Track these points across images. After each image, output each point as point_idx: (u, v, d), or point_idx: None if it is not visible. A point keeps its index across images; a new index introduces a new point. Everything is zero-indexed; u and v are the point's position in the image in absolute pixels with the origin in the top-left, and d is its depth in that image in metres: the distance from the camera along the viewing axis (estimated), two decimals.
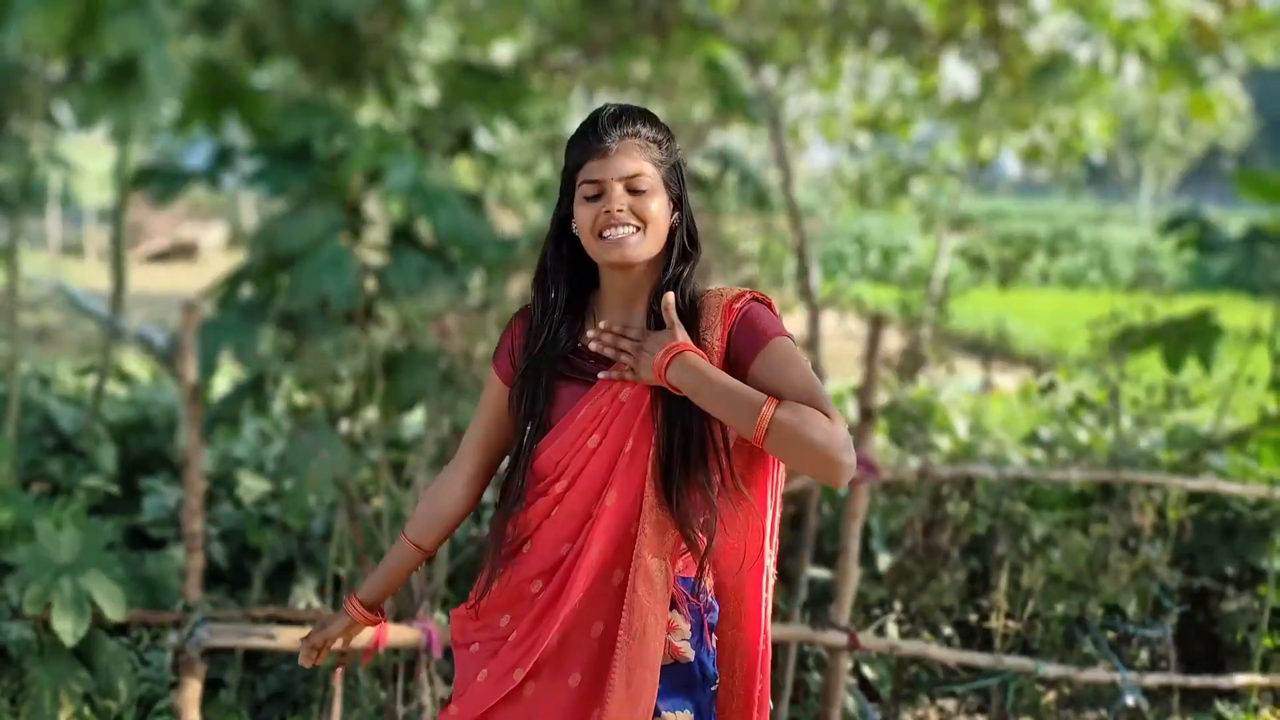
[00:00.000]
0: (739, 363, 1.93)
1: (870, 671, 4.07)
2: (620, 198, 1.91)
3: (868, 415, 3.75)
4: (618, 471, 1.95)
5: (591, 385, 1.98)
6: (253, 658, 3.83)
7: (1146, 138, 29.25)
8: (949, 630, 4.23)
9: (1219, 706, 4.12)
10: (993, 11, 6.45)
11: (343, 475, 3.58)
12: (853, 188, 10.46)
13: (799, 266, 5.23)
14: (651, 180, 1.93)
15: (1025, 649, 4.15)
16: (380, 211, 4.52)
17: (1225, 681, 4.09)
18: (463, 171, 5.76)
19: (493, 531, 2.05)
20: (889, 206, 10.56)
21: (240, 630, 3.18)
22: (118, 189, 5.87)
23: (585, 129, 1.96)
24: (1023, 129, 8.36)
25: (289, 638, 3.17)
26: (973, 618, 4.38)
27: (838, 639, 3.58)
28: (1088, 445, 4.78)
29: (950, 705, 4.11)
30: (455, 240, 4.09)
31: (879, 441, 4.90)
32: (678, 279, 1.98)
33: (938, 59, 7.19)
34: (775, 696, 3.80)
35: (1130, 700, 3.88)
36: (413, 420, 4.98)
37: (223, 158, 4.72)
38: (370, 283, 4.28)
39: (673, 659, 1.99)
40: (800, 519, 4.21)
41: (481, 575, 2.07)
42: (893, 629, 4.11)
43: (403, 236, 4.28)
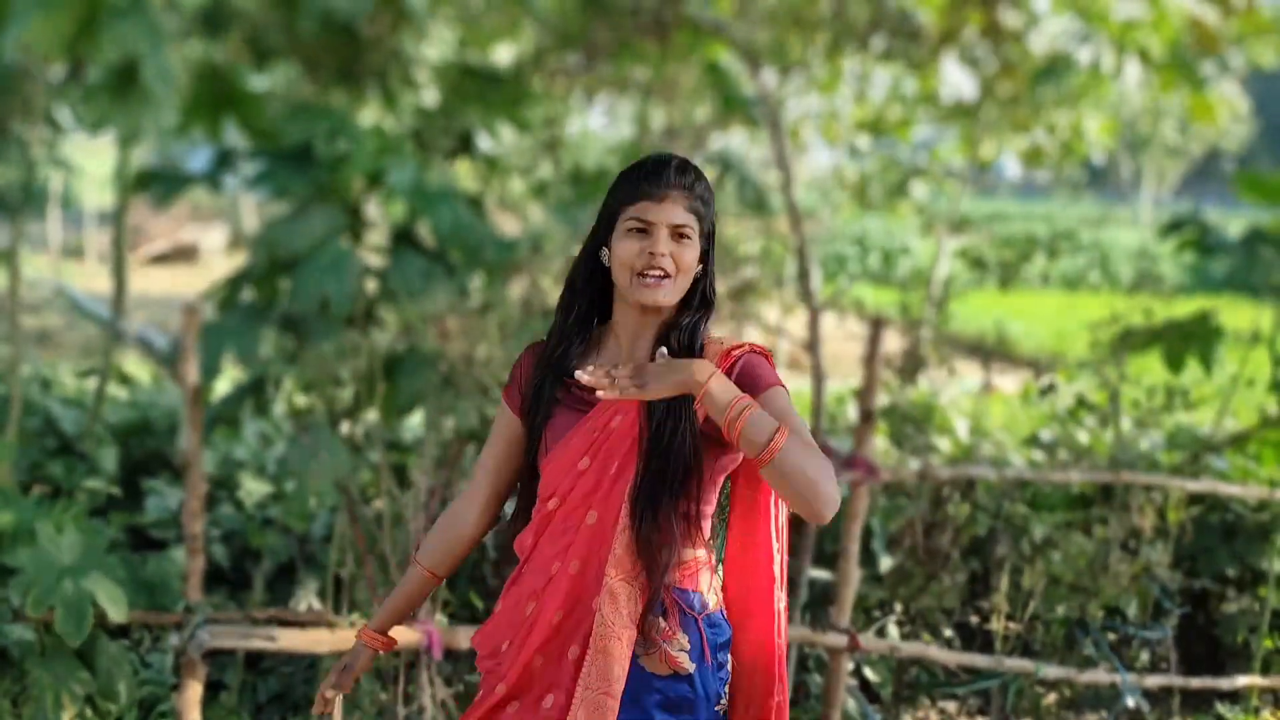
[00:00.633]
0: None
1: (871, 673, 4.08)
2: (666, 242, 1.98)
3: (868, 417, 3.75)
4: (599, 493, 2.01)
5: (581, 413, 2.04)
6: (254, 659, 3.83)
7: (1147, 140, 29.25)
8: (949, 632, 4.23)
9: (1219, 708, 4.12)
10: (993, 13, 6.45)
11: (343, 477, 3.58)
12: (853, 190, 10.47)
13: (799, 268, 5.24)
14: (692, 232, 2.00)
15: (1026, 650, 4.15)
16: (381, 214, 4.52)
17: (1226, 683, 4.09)
18: (463, 174, 5.76)
19: (505, 552, 2.13)
20: (889, 208, 10.56)
21: (241, 632, 3.18)
22: (118, 191, 5.87)
23: (646, 170, 2.02)
24: (1023, 131, 8.36)
25: (290, 640, 3.18)
26: (973, 619, 4.38)
27: (838, 640, 3.59)
28: (1088, 447, 4.79)
29: (951, 707, 4.11)
30: (456, 241, 4.09)
31: (879, 443, 4.90)
32: (693, 327, 2.05)
33: (938, 61, 7.20)
34: None
35: (1131, 702, 3.88)
36: (413, 422, 4.99)
37: (224, 160, 4.73)
38: (371, 285, 4.29)
39: (671, 670, 2.00)
40: (800, 520, 4.21)
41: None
42: (893, 630, 4.11)
43: (403, 239, 4.29)
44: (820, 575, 4.12)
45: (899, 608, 4.20)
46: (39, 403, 5.37)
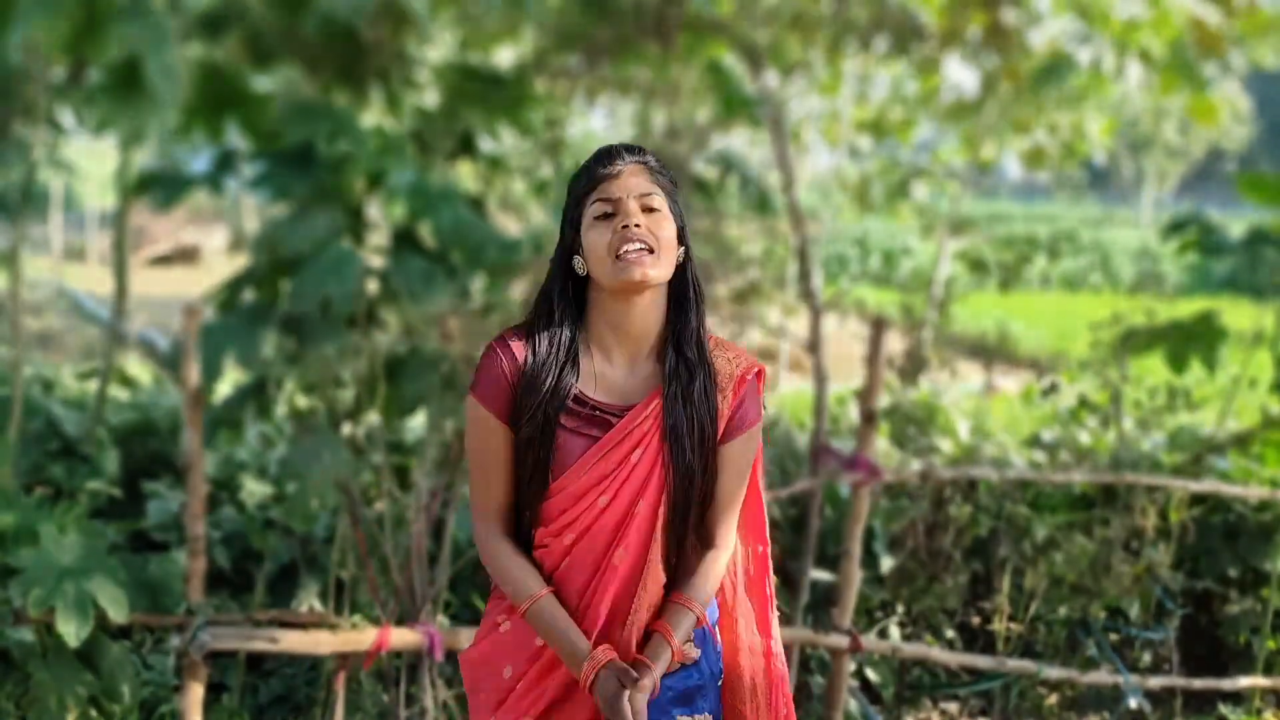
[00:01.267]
0: (728, 433, 2.01)
1: (873, 674, 4.07)
2: (636, 213, 1.91)
3: (870, 418, 3.75)
4: (629, 531, 1.95)
5: (594, 439, 1.95)
6: (255, 661, 3.83)
7: (1148, 140, 29.26)
8: (951, 633, 4.23)
9: (1222, 709, 4.12)
10: (994, 13, 6.44)
11: (345, 479, 3.58)
12: (854, 191, 10.46)
13: (801, 269, 5.23)
14: (661, 202, 1.94)
15: (1027, 651, 4.15)
16: (382, 215, 4.52)
17: (1228, 684, 4.09)
18: (465, 175, 5.76)
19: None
20: (890, 210, 10.55)
21: (243, 634, 3.18)
22: (120, 193, 5.87)
23: (592, 161, 1.97)
24: (1024, 131, 8.36)
25: (292, 641, 3.18)
26: (975, 620, 4.38)
27: (840, 641, 3.58)
28: (1090, 447, 4.78)
29: (953, 708, 4.11)
30: (457, 242, 4.08)
31: (881, 444, 4.90)
32: (695, 328, 1.98)
33: (939, 61, 7.19)
34: None
35: (1133, 703, 3.87)
36: (415, 424, 4.98)
37: (225, 162, 4.72)
38: (372, 286, 4.28)
39: (679, 664, 2.01)
40: (802, 521, 4.21)
41: (490, 623, 2.07)
42: (895, 631, 4.11)
43: (405, 240, 4.28)
44: (822, 576, 4.12)
45: (901, 609, 4.20)
46: (40, 404, 5.37)
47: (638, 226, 1.90)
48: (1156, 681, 3.99)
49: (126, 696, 3.30)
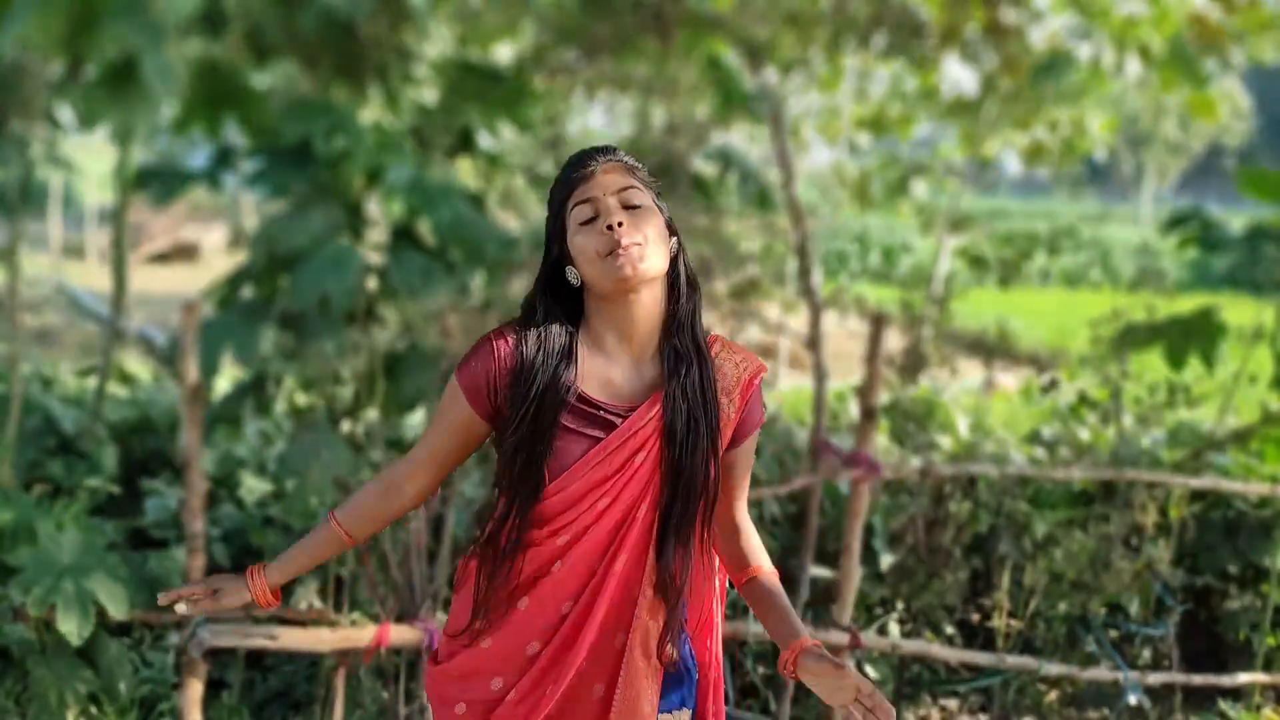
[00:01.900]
0: (737, 437, 2.01)
1: (872, 670, 4.07)
2: (618, 210, 1.87)
3: (870, 414, 3.75)
4: (629, 536, 1.92)
5: (596, 440, 1.91)
6: (255, 658, 3.83)
7: (1148, 136, 29.26)
8: (951, 629, 4.23)
9: (1221, 705, 4.12)
10: (994, 10, 6.44)
11: (344, 475, 3.58)
12: (854, 187, 10.45)
13: (800, 266, 5.23)
14: (643, 196, 1.91)
15: (1027, 648, 4.15)
16: (381, 211, 4.52)
17: (1228, 680, 4.09)
18: (464, 171, 5.76)
19: (484, 581, 1.95)
20: (890, 206, 10.54)
21: (242, 631, 3.18)
22: (119, 190, 5.87)
23: (565, 169, 1.95)
24: (1024, 128, 8.35)
25: (291, 638, 3.17)
26: (975, 617, 4.38)
27: (840, 638, 3.58)
28: (1090, 444, 4.78)
29: (952, 704, 4.11)
30: (456, 238, 4.08)
31: (881, 440, 4.90)
32: (689, 319, 1.96)
33: (939, 58, 7.18)
34: (777, 696, 3.80)
35: (1133, 699, 3.87)
36: (414, 420, 4.98)
37: (223, 158, 4.72)
38: (371, 283, 4.28)
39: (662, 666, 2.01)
40: (802, 518, 4.21)
41: (462, 625, 1.99)
42: (895, 628, 4.11)
43: (404, 236, 4.28)
44: (821, 573, 4.12)
45: (900, 605, 4.19)
46: (39, 401, 5.36)
47: (621, 225, 1.86)
48: (1156, 678, 3.99)
49: (125, 693, 3.30)
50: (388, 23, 4.57)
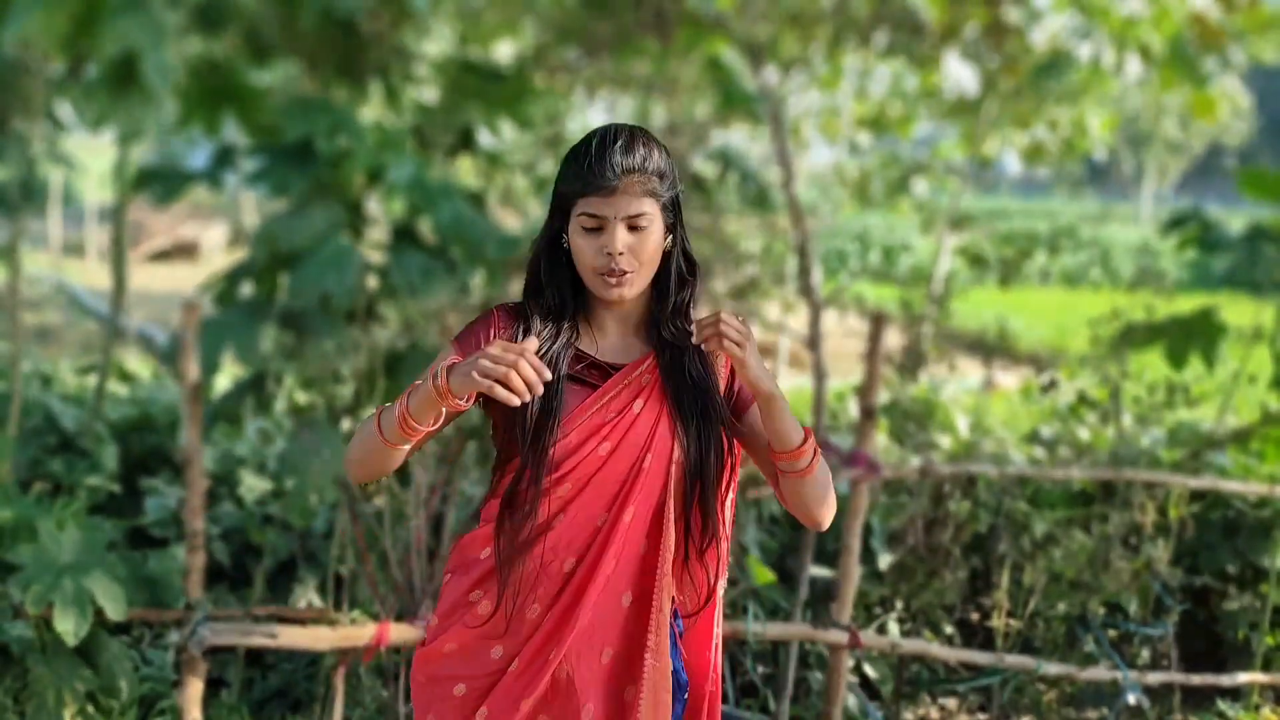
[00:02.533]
0: (743, 400, 2.01)
1: (871, 670, 4.08)
2: (622, 239, 1.86)
3: (869, 413, 3.75)
4: (636, 488, 1.90)
5: (592, 388, 1.92)
6: (254, 656, 3.83)
7: (1148, 136, 29.25)
8: (950, 629, 4.23)
9: (1220, 705, 4.12)
10: (995, 9, 6.44)
11: (344, 474, 3.58)
12: (854, 186, 10.46)
13: (800, 265, 5.24)
14: (651, 217, 1.89)
15: (1026, 647, 4.15)
16: (381, 210, 4.52)
17: (1227, 680, 4.09)
18: (464, 170, 5.76)
19: (505, 544, 1.91)
20: (890, 205, 10.55)
21: (242, 629, 3.18)
22: (119, 188, 5.87)
23: (588, 157, 1.88)
24: (1024, 127, 8.36)
25: (291, 636, 3.17)
26: (974, 616, 4.38)
27: (839, 637, 3.58)
28: (1089, 444, 4.79)
29: (952, 704, 4.11)
30: (457, 236, 4.08)
31: (880, 440, 4.90)
32: (680, 306, 1.97)
33: (939, 57, 7.19)
34: (777, 695, 3.81)
35: (1131, 699, 3.88)
36: None
37: (224, 157, 4.72)
38: (372, 281, 4.28)
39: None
40: None
41: (453, 605, 1.96)
42: (894, 627, 4.11)
43: (404, 235, 4.28)
44: (821, 572, 4.12)
45: (900, 605, 4.20)
46: (39, 400, 5.37)
47: (621, 254, 1.87)
48: (1155, 677, 3.99)
49: (125, 692, 3.30)
50: (388, 21, 4.57)
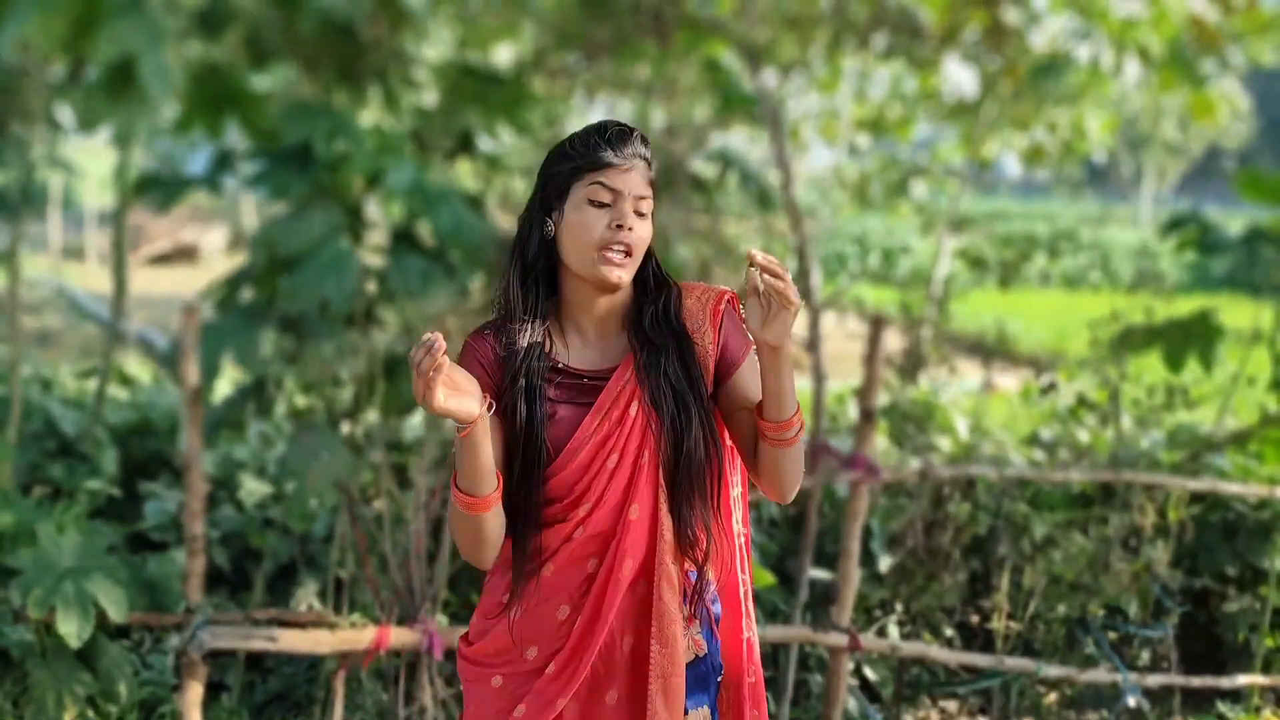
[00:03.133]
0: (732, 363, 2.00)
1: (871, 672, 4.08)
2: (632, 216, 1.89)
3: (868, 416, 3.75)
4: (637, 486, 1.94)
5: (584, 406, 1.94)
6: (254, 660, 3.83)
7: (1147, 138, 29.27)
8: (950, 631, 4.23)
9: (1220, 707, 4.12)
10: (994, 12, 6.45)
11: (344, 478, 3.58)
12: (853, 189, 10.46)
13: (800, 267, 5.24)
14: (650, 206, 1.93)
15: (1026, 650, 4.15)
16: (381, 214, 4.52)
17: (1227, 682, 4.09)
18: (463, 173, 5.76)
19: (518, 556, 1.96)
20: (889, 208, 10.55)
21: (242, 633, 3.18)
22: (119, 192, 5.87)
23: (603, 134, 1.90)
24: (1023, 129, 8.36)
25: (291, 640, 3.18)
26: (974, 619, 4.38)
27: (839, 640, 3.58)
28: (1089, 446, 4.79)
29: (952, 706, 4.11)
30: (456, 241, 4.08)
31: (880, 442, 4.90)
32: (664, 306, 1.98)
33: (938, 59, 7.19)
34: (777, 697, 3.80)
35: (1131, 701, 3.88)
36: (414, 422, 4.98)
37: (223, 161, 4.72)
38: (371, 285, 4.29)
39: (694, 654, 2.02)
40: (801, 520, 4.21)
41: (495, 602, 2.01)
42: (894, 630, 4.11)
43: (403, 239, 4.28)
44: (821, 575, 4.12)
45: (899, 607, 4.20)
46: (39, 403, 5.37)
47: (630, 230, 1.89)
48: (1155, 679, 4.00)
49: (125, 696, 3.30)
50: (387, 25, 4.58)
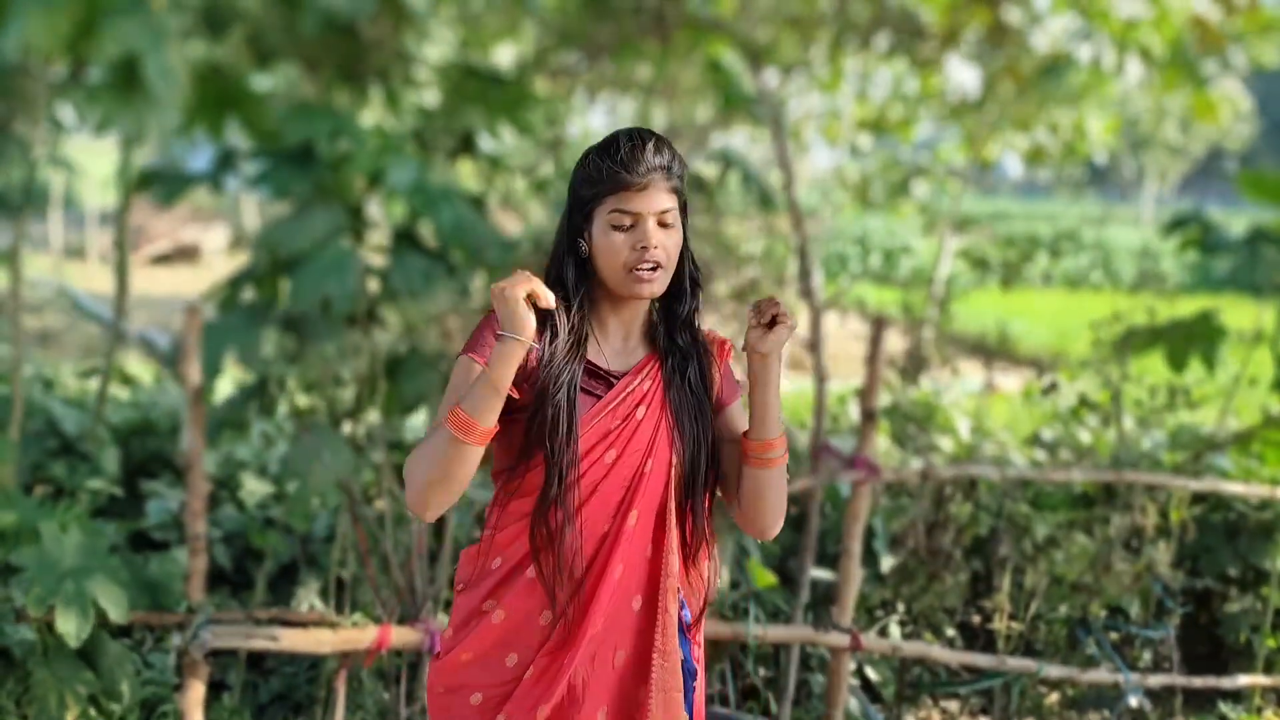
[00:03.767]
0: (723, 403, 2.05)
1: (873, 673, 4.08)
2: (656, 233, 1.89)
3: (870, 416, 3.75)
4: (640, 492, 1.93)
5: (598, 397, 1.95)
6: (256, 659, 3.84)
7: (1149, 138, 29.25)
8: (952, 631, 4.23)
9: (1222, 707, 4.12)
10: (995, 12, 6.45)
11: (345, 477, 3.58)
12: (854, 189, 10.47)
13: (801, 267, 5.23)
14: (675, 214, 1.92)
15: (1028, 650, 4.15)
16: (382, 214, 4.52)
17: (1228, 682, 4.09)
18: (465, 173, 5.76)
19: (550, 565, 1.90)
20: (891, 208, 10.56)
21: (243, 632, 3.18)
22: (120, 192, 5.87)
23: (616, 155, 1.89)
24: (1025, 130, 8.36)
25: (292, 640, 3.18)
26: (975, 619, 4.38)
27: (840, 640, 3.58)
28: (1090, 446, 4.79)
29: (953, 706, 4.11)
30: (458, 241, 4.08)
31: (881, 443, 4.90)
32: (689, 315, 2.01)
33: (940, 60, 7.19)
34: (778, 698, 3.81)
35: (1133, 701, 3.87)
36: (415, 422, 4.99)
37: (225, 160, 4.72)
38: (373, 285, 4.29)
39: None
40: (803, 520, 4.21)
41: (471, 612, 1.97)
42: (895, 630, 4.11)
43: (405, 238, 4.28)
44: (822, 575, 4.12)
45: (901, 607, 4.20)
46: (41, 403, 5.37)
47: (656, 249, 1.89)
48: (1156, 680, 4.00)
49: (127, 695, 3.30)
50: (389, 26, 4.58)
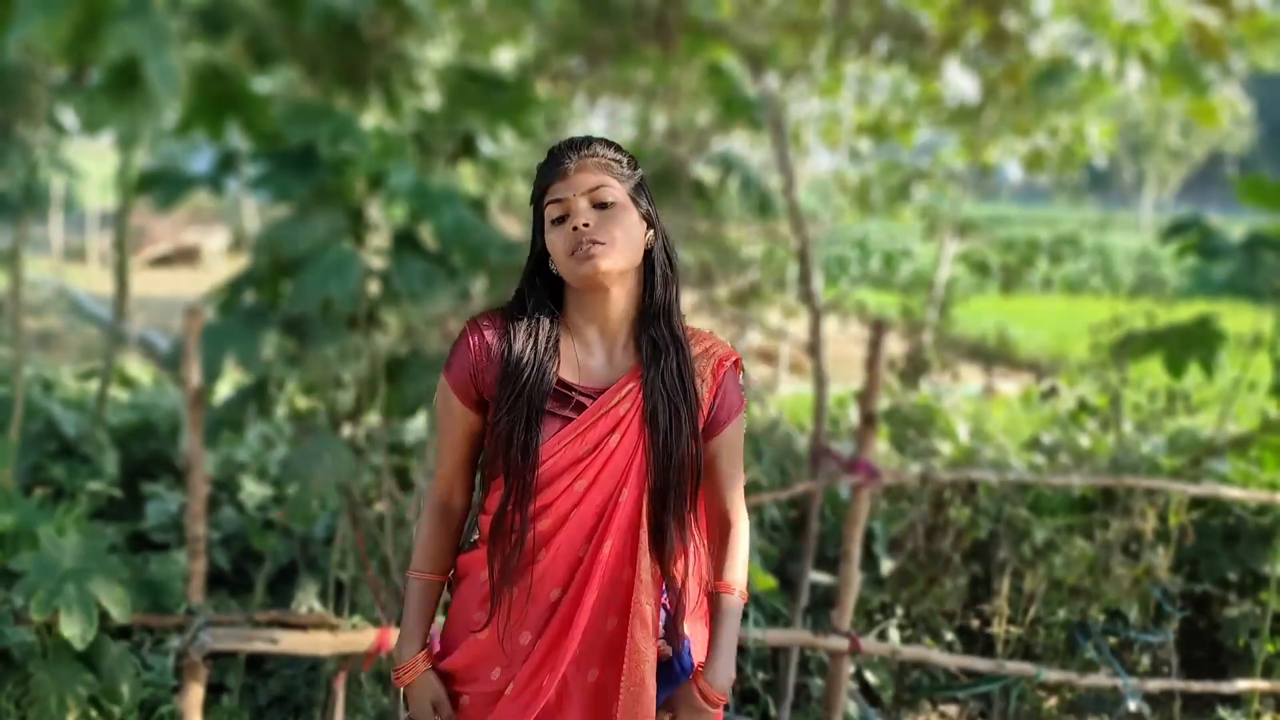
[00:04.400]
0: (716, 422, 2.02)
1: (872, 676, 4.08)
2: (586, 212, 1.90)
3: (869, 420, 3.75)
4: (614, 521, 1.93)
5: (566, 420, 1.94)
6: (255, 662, 3.83)
7: (1148, 143, 29.29)
8: (950, 635, 4.23)
9: (1221, 712, 4.12)
10: (995, 17, 6.45)
11: (345, 480, 3.58)
12: (855, 193, 10.47)
13: (801, 271, 5.24)
14: (616, 193, 1.92)
15: (1027, 654, 4.15)
16: (383, 216, 4.52)
17: (1227, 687, 4.09)
18: (466, 176, 5.77)
19: (498, 571, 1.95)
20: (891, 212, 10.56)
21: (243, 634, 3.18)
22: (121, 194, 5.88)
23: (545, 160, 1.97)
24: (1025, 134, 8.37)
25: (292, 642, 3.18)
26: (974, 623, 4.38)
27: (839, 643, 3.59)
28: (1089, 450, 4.79)
29: (952, 710, 4.11)
30: (458, 242, 4.08)
31: (881, 446, 4.91)
32: (665, 308, 1.97)
33: (940, 65, 7.20)
34: (777, 701, 3.81)
35: (1132, 706, 3.88)
36: (415, 425, 4.99)
37: (226, 162, 4.73)
38: (373, 287, 4.29)
39: (660, 658, 2.02)
40: (802, 523, 4.22)
41: (461, 621, 2.03)
42: (894, 634, 4.11)
43: (406, 241, 4.28)
44: (821, 578, 4.12)
45: (900, 611, 4.20)
46: (41, 405, 5.37)
47: (586, 225, 1.89)
48: (1155, 684, 3.99)
49: (126, 697, 3.30)
50: (390, 28, 4.58)
